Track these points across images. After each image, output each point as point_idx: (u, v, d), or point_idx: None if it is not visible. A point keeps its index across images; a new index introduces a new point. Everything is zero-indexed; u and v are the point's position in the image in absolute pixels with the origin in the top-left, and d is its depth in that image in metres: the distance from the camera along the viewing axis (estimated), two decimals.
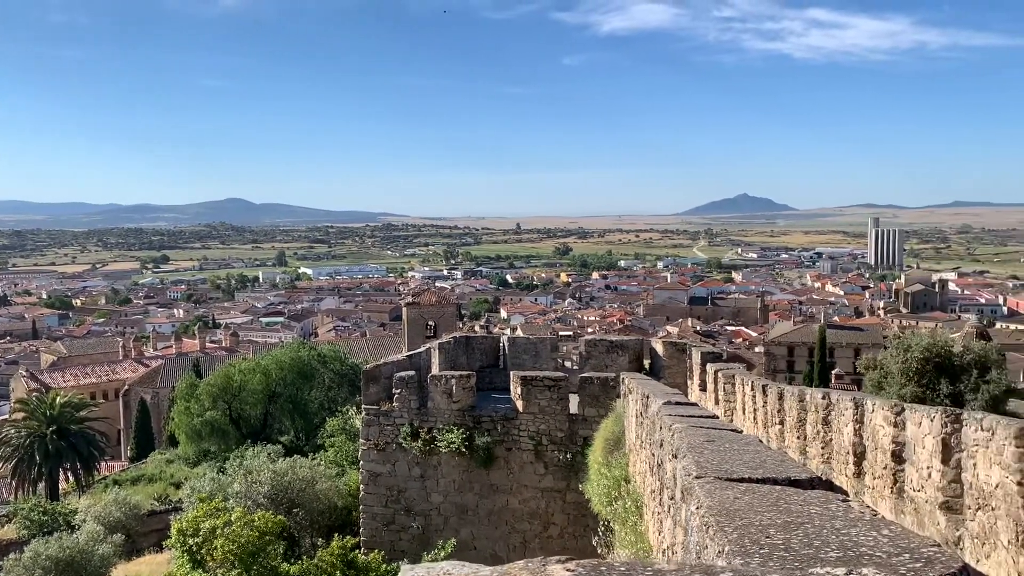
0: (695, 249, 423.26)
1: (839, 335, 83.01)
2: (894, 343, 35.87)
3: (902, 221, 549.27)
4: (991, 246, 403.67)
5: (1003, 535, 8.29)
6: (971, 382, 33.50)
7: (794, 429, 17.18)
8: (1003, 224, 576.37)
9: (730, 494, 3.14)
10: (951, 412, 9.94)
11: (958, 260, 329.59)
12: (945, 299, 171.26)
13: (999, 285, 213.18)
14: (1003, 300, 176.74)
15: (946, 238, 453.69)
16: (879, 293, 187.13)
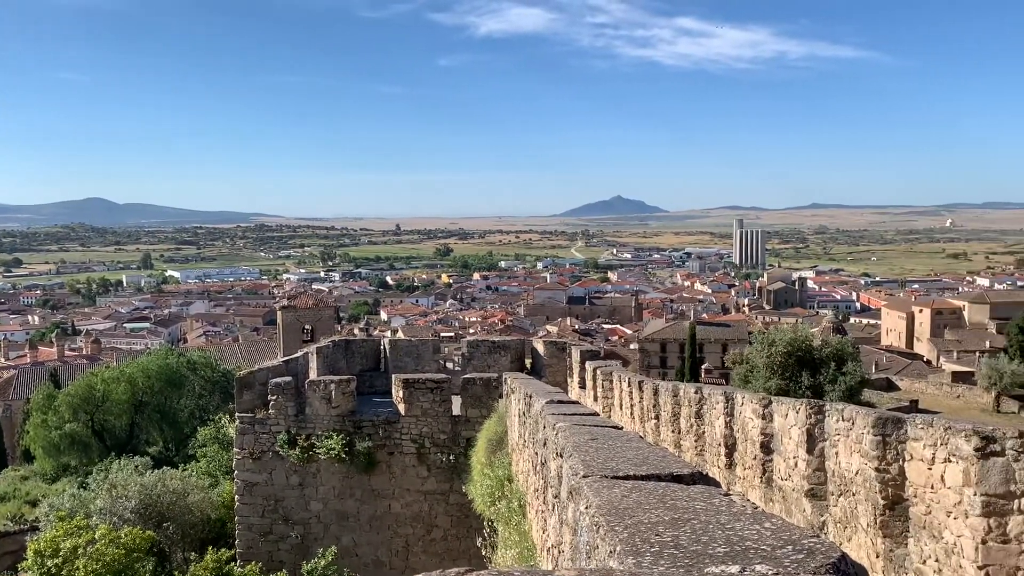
0: (573, 250, 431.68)
1: (708, 332, 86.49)
2: (759, 339, 37.77)
3: (764, 222, 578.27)
4: (845, 246, 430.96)
5: (863, 519, 8.83)
6: (830, 374, 35.67)
7: (669, 423, 17.76)
8: (856, 225, 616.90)
9: (618, 492, 3.18)
10: (814, 404, 10.51)
11: (816, 259, 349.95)
12: (804, 296, 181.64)
13: (852, 282, 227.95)
14: (856, 296, 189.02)
15: (804, 238, 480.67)
16: (744, 291, 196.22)
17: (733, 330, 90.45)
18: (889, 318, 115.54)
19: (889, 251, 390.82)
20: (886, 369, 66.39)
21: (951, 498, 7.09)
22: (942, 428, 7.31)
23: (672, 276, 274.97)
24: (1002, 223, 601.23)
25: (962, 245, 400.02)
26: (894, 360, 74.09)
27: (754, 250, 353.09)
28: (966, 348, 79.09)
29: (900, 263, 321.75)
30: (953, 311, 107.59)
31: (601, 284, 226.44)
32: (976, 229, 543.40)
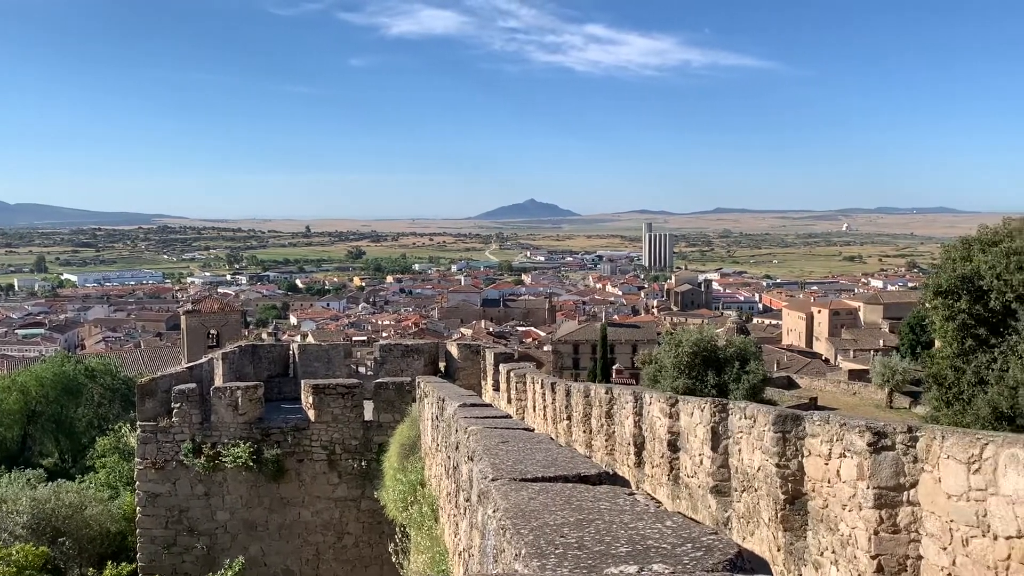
0: (487, 252, 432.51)
1: (618, 333, 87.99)
2: (666, 339, 38.69)
3: (672, 226, 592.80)
4: (748, 249, 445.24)
5: (764, 514, 9.14)
6: (734, 373, 36.81)
7: (581, 424, 17.98)
8: (758, 229, 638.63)
9: (525, 495, 3.20)
10: (719, 402, 10.82)
11: (720, 262, 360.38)
12: (710, 297, 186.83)
13: (755, 284, 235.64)
14: (759, 298, 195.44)
15: (710, 241, 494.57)
16: (653, 293, 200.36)
17: (643, 331, 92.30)
18: (790, 318, 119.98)
19: (790, 254, 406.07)
20: (787, 368, 68.90)
21: (846, 492, 7.41)
22: (837, 425, 7.63)
23: (585, 278, 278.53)
24: (893, 227, 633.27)
25: (857, 248, 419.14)
26: (795, 359, 76.95)
27: (662, 253, 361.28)
28: (861, 347, 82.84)
29: (800, 265, 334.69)
30: (849, 311, 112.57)
31: (515, 286, 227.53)
32: (870, 233, 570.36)
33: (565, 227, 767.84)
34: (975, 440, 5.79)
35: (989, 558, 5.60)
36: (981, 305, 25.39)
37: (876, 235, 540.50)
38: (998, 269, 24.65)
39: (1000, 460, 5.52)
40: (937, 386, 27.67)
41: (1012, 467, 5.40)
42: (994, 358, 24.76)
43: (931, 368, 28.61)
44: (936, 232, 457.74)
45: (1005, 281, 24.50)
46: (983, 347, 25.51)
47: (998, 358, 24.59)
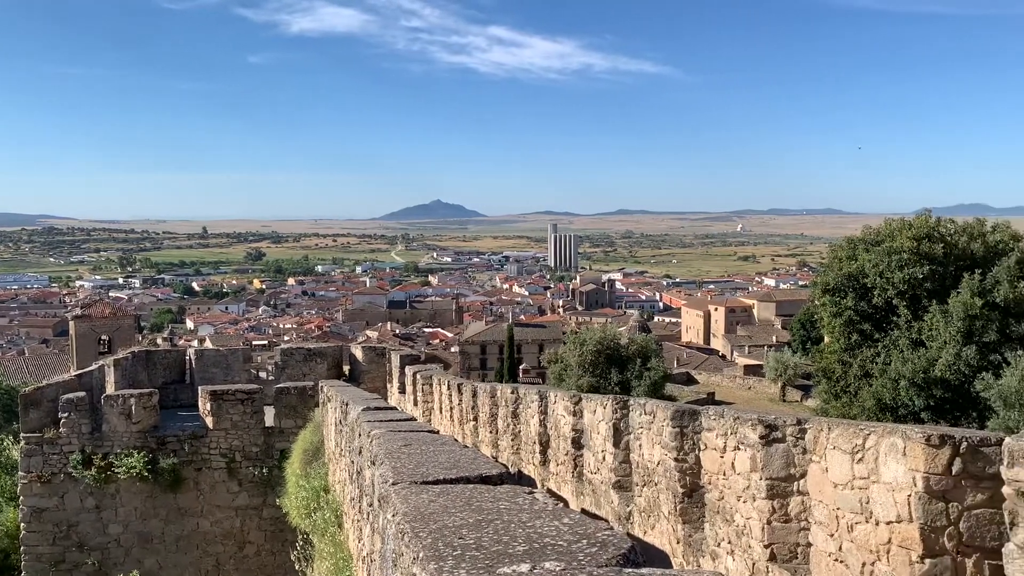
0: (393, 254, 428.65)
1: (525, 332, 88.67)
2: (571, 338, 39.25)
3: (576, 227, 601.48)
4: (649, 249, 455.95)
5: (664, 507, 9.38)
6: (636, 370, 37.63)
7: (487, 424, 18.04)
8: (658, 230, 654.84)
9: (425, 498, 3.19)
10: (620, 399, 11.04)
11: (623, 262, 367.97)
12: (613, 296, 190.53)
13: (656, 284, 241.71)
14: (659, 296, 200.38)
15: (613, 242, 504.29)
16: (559, 292, 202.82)
17: (549, 330, 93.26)
18: (688, 316, 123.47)
19: (688, 254, 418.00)
20: (686, 364, 70.90)
21: (741, 483, 7.68)
22: (732, 419, 7.90)
23: (491, 279, 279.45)
24: (785, 228, 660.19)
25: (751, 248, 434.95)
26: (693, 355, 79.29)
27: (567, 253, 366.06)
28: (756, 343, 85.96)
29: (698, 265, 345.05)
30: (744, 309, 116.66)
31: (422, 288, 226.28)
32: (763, 233, 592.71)
33: (472, 228, 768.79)
34: (858, 431, 6.09)
35: (872, 543, 5.91)
36: (866, 302, 26.78)
37: (769, 235, 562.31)
38: (880, 267, 26.04)
39: (881, 449, 5.82)
40: (826, 379, 29.03)
41: (892, 456, 5.70)
42: (877, 352, 26.15)
43: (820, 362, 30.00)
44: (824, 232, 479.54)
45: (887, 279, 25.90)
46: (868, 342, 26.91)
47: (881, 352, 25.98)
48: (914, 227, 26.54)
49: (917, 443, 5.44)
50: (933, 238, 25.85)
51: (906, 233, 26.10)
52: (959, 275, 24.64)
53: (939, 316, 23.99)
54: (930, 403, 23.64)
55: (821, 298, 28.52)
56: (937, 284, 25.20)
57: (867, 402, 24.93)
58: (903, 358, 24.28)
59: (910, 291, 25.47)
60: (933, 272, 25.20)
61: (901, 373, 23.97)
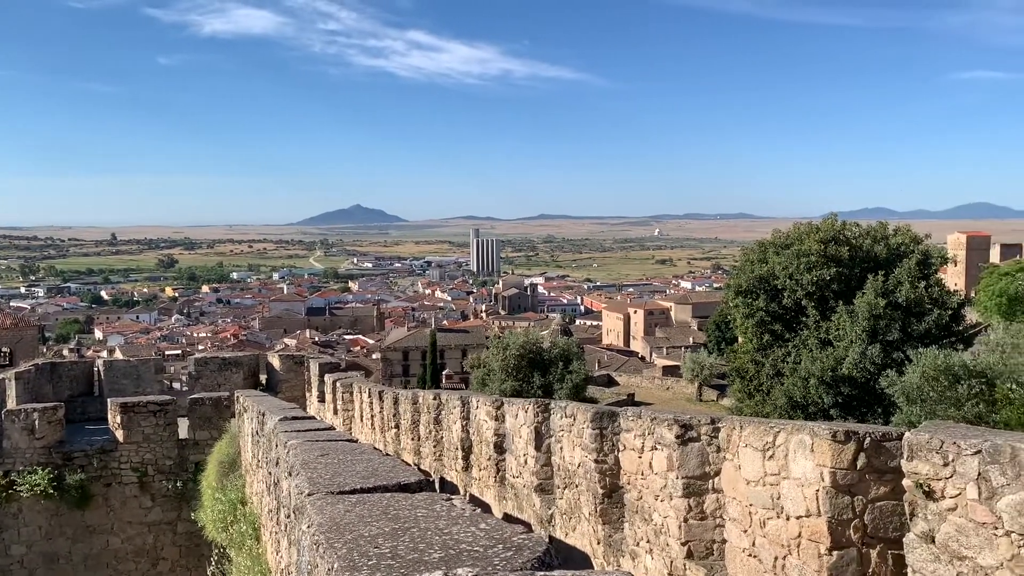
0: (311, 259, 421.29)
1: (448, 338, 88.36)
2: (494, 343, 39.29)
3: (498, 232, 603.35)
4: (570, 253, 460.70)
5: (585, 508, 9.47)
6: (558, 373, 37.90)
7: (409, 431, 17.90)
8: (578, 234, 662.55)
9: (341, 508, 3.14)
10: (541, 403, 11.11)
11: (545, 266, 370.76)
12: (536, 300, 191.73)
13: (577, 287, 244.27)
14: (581, 300, 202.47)
15: (535, 246, 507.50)
16: (481, 297, 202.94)
17: (472, 335, 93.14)
18: (609, 319, 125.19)
19: (608, 258, 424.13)
20: (608, 366, 71.84)
21: (658, 483, 7.83)
22: (649, 419, 8.05)
23: (413, 284, 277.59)
24: (700, 232, 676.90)
25: (668, 252, 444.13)
26: (614, 358, 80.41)
27: (490, 258, 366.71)
28: (674, 344, 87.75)
29: (617, 269, 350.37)
30: (662, 311, 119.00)
31: (342, 294, 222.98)
32: (679, 237, 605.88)
33: (393, 233, 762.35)
34: (769, 429, 6.28)
35: (783, 537, 6.10)
36: (776, 303, 27.64)
37: (685, 239, 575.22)
38: (790, 270, 26.94)
39: (790, 446, 6.02)
40: (740, 379, 29.83)
41: (801, 452, 5.90)
42: (788, 352, 27.02)
43: (734, 362, 30.80)
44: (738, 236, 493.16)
45: (796, 280, 26.80)
46: (779, 342, 27.78)
47: (791, 351, 26.86)
48: (821, 231, 27.55)
49: (824, 439, 5.65)
50: (839, 241, 26.88)
51: (813, 236, 27.07)
52: (864, 276, 25.68)
53: (845, 316, 24.96)
54: (838, 400, 24.55)
55: (734, 300, 29.31)
56: (843, 285, 26.22)
57: (779, 400, 25.73)
58: (812, 357, 25.16)
59: (818, 292, 26.43)
60: (839, 274, 26.21)
61: (811, 371, 24.83)
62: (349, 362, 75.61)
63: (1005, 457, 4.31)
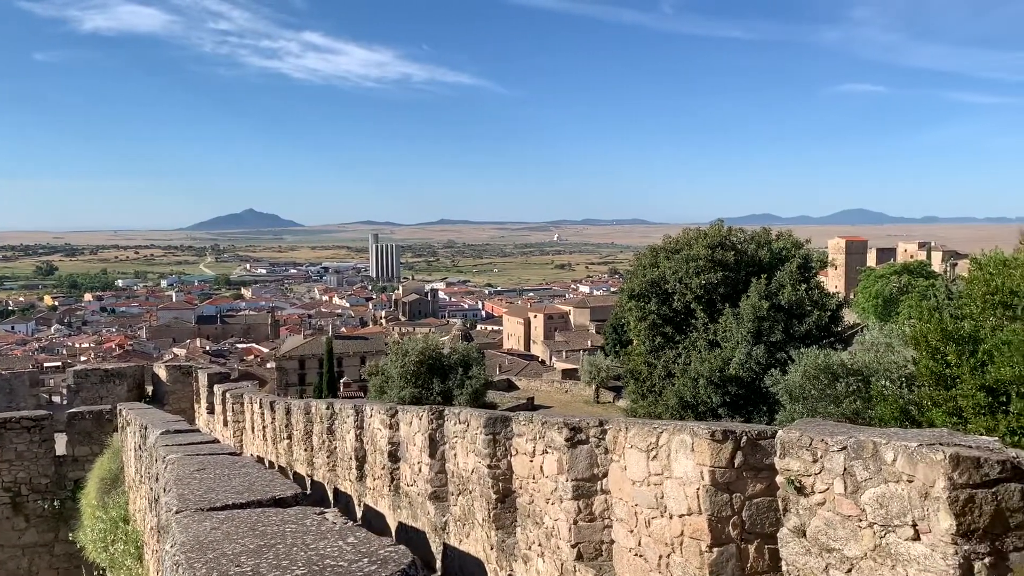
0: (202, 266, 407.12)
1: (346, 345, 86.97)
2: (393, 349, 38.87)
3: (398, 237, 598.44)
4: (471, 258, 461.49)
5: (479, 514, 9.47)
6: (458, 379, 37.83)
7: (302, 442, 17.51)
8: (479, 239, 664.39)
9: (207, 525, 3.03)
10: (435, 410, 11.05)
11: (446, 271, 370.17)
12: (437, 306, 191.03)
13: (478, 292, 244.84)
14: (482, 305, 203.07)
15: (435, 252, 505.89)
16: (381, 303, 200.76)
17: (371, 342, 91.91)
18: (509, 324, 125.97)
19: (508, 263, 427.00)
20: (508, 371, 72.24)
21: (549, 486, 7.89)
22: (540, 423, 8.11)
23: (310, 291, 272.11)
24: (597, 237, 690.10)
25: (567, 257, 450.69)
26: (515, 362, 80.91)
27: (390, 264, 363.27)
28: (573, 347, 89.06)
29: (518, 274, 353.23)
30: (562, 315, 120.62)
31: (235, 301, 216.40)
32: (577, 243, 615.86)
33: (288, 238, 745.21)
34: (652, 430, 6.43)
35: (667, 535, 6.25)
36: (667, 306, 28.44)
37: (583, 245, 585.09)
38: (680, 274, 27.77)
39: (672, 446, 6.17)
40: (634, 380, 30.52)
41: (682, 452, 6.06)
42: (679, 353, 27.82)
43: (629, 364, 31.48)
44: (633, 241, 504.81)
45: (686, 284, 27.65)
46: (670, 344, 28.57)
47: (682, 353, 27.67)
48: (708, 236, 28.53)
49: (703, 439, 5.82)
50: (725, 246, 27.91)
51: (702, 242, 28.01)
52: (749, 280, 26.72)
53: (732, 318, 25.91)
54: (726, 399, 25.44)
55: (627, 303, 29.99)
56: (730, 288, 27.21)
57: (671, 401, 26.45)
58: (701, 358, 25.99)
59: (706, 295, 27.36)
60: (726, 277, 27.21)
61: (700, 372, 25.64)
62: (242, 371, 73.37)
63: (868, 452, 4.53)
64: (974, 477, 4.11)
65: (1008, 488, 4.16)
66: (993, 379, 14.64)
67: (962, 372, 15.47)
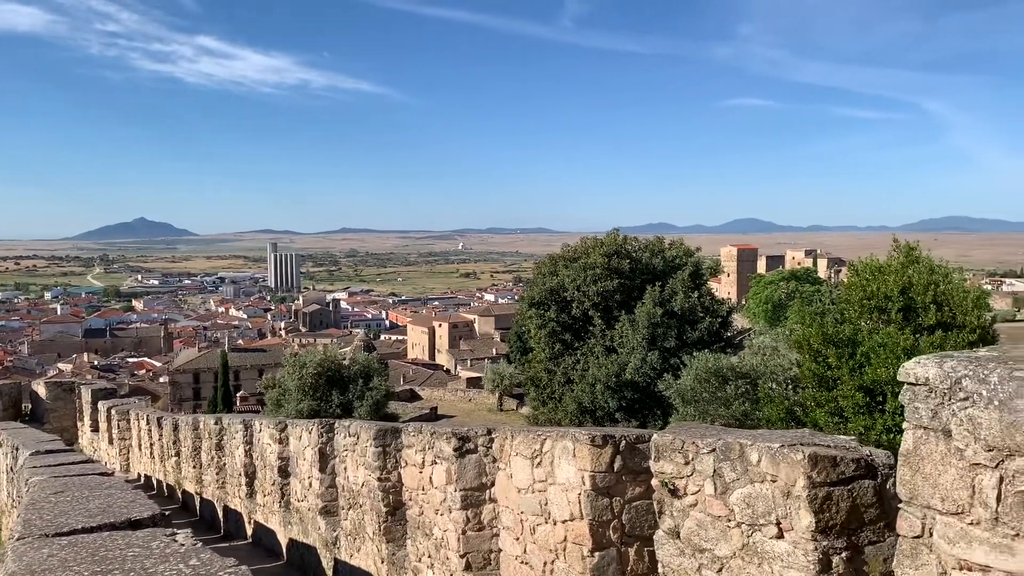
0: (90, 277, 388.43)
1: (243, 358, 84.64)
2: (290, 361, 37.96)
3: (298, 246, 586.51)
4: (374, 267, 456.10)
5: (369, 528, 9.32)
6: (358, 390, 37.26)
7: (191, 458, 16.89)
8: (383, 248, 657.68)
9: (46, 552, 2.86)
10: (325, 423, 10.84)
11: (348, 281, 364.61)
12: (339, 316, 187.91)
13: (382, 302, 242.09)
14: (386, 315, 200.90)
15: (337, 261, 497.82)
16: (280, 314, 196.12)
17: (269, 355, 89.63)
18: (414, 333, 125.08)
19: (413, 272, 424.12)
20: (412, 381, 71.67)
21: (438, 497, 7.85)
22: (429, 434, 8.06)
23: (205, 302, 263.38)
24: (502, 246, 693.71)
25: (471, 265, 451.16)
26: (419, 372, 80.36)
27: (289, 273, 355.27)
28: (477, 356, 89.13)
29: (422, 282, 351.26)
30: (467, 324, 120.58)
31: (125, 314, 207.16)
32: (482, 251, 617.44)
33: (181, 248, 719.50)
34: (536, 437, 6.47)
35: (551, 542, 6.29)
36: (566, 314, 28.82)
37: (488, 253, 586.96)
38: (578, 282, 28.21)
39: (556, 452, 6.23)
40: (535, 387, 30.78)
41: (565, 458, 6.12)
42: (577, 360, 28.22)
43: (530, 372, 31.71)
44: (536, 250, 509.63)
45: (583, 292, 28.10)
46: (569, 350, 28.95)
47: (580, 359, 28.07)
48: (605, 245, 29.09)
49: (584, 444, 5.89)
50: (621, 254, 28.50)
51: (598, 250, 28.54)
52: (643, 287, 27.37)
53: (627, 325, 26.48)
54: (622, 404, 25.94)
55: (528, 311, 30.26)
56: (625, 296, 27.80)
57: (570, 406, 26.78)
58: (599, 364, 26.43)
59: (603, 303, 27.87)
60: (622, 285, 27.80)
61: (597, 378, 26.07)
62: (133, 387, 70.28)
63: (735, 454, 4.67)
64: (831, 475, 4.29)
65: (862, 485, 4.36)
66: (870, 380, 15.42)
67: (842, 374, 16.24)
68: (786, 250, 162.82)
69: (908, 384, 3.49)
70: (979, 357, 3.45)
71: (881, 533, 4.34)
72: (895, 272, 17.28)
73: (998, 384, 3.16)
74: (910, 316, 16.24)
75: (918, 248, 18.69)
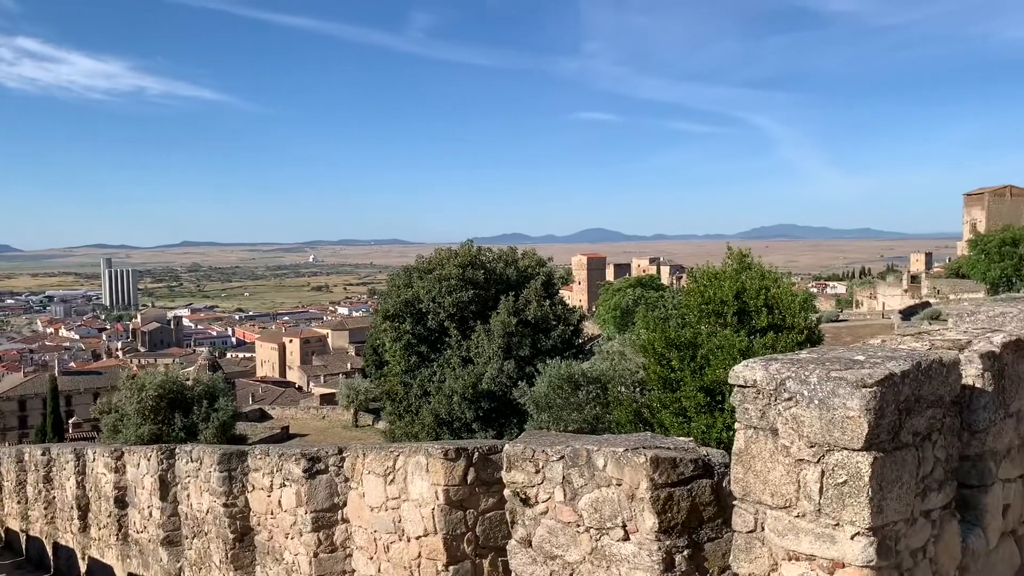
0: None
1: (76, 381, 79.17)
2: (127, 384, 35.74)
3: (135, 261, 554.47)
4: (219, 283, 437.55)
5: (216, 556, 8.90)
6: (203, 412, 35.56)
7: (15, 493, 15.56)
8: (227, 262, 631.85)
9: None
10: (166, 448, 10.27)
11: (191, 297, 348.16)
12: (181, 335, 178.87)
13: (228, 318, 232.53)
14: (232, 331, 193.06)
15: (178, 276, 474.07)
16: (117, 334, 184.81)
17: (106, 377, 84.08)
18: (263, 350, 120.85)
19: (261, 286, 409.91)
20: (262, 400, 69.08)
21: (288, 520, 7.59)
22: (277, 455, 7.79)
23: (31, 323, 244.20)
24: (355, 258, 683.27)
25: (324, 278, 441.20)
26: (269, 390, 77.57)
27: (126, 290, 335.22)
28: (331, 371, 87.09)
29: (271, 297, 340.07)
30: (319, 339, 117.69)
31: None
32: (335, 264, 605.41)
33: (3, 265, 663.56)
34: (389, 454, 6.39)
35: (405, 559, 6.22)
36: (422, 326, 28.70)
37: (340, 265, 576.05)
38: (433, 293, 28.16)
39: (408, 468, 6.17)
40: (391, 402, 30.44)
41: (418, 473, 6.07)
42: (434, 371, 28.15)
43: (386, 386, 31.34)
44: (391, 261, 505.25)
45: (439, 303, 28.09)
46: (425, 362, 28.83)
47: (437, 371, 28.02)
48: (459, 255, 29.22)
49: (437, 459, 5.87)
50: (475, 265, 28.71)
51: (453, 261, 28.62)
52: (498, 297, 27.68)
53: (483, 335, 26.69)
54: (480, 414, 26.10)
55: (382, 324, 29.91)
56: (480, 306, 28.02)
57: (427, 419, 26.66)
58: (455, 375, 26.48)
59: (459, 314, 27.96)
60: (477, 295, 27.99)
61: (454, 389, 26.11)
62: None
63: (582, 460, 4.78)
64: (672, 476, 4.47)
65: (701, 484, 4.56)
66: (710, 380, 16.25)
67: (684, 375, 17.03)
68: (632, 258, 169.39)
69: (738, 386, 3.69)
70: (801, 359, 3.70)
71: (719, 530, 4.55)
72: (730, 278, 18.32)
73: (817, 384, 3.40)
74: (744, 319, 17.25)
75: (750, 255, 19.92)
